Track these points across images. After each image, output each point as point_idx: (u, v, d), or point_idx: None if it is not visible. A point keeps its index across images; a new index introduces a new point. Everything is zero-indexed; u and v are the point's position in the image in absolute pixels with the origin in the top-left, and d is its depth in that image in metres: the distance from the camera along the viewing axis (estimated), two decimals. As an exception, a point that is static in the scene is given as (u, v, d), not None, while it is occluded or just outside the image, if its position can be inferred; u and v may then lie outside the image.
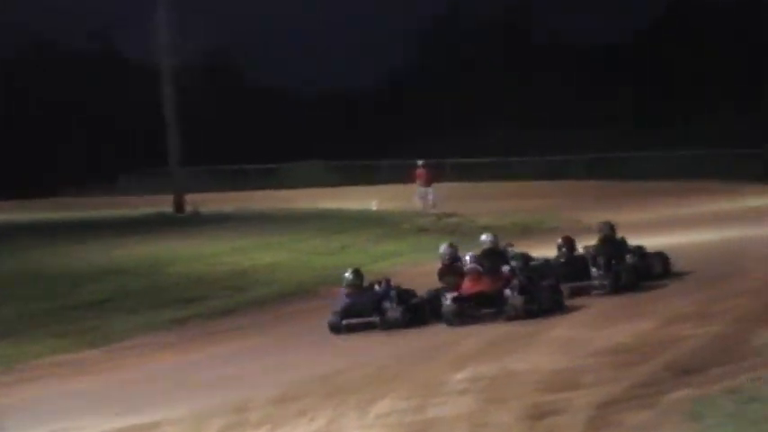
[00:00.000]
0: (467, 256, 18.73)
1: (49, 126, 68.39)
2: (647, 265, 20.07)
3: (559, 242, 20.03)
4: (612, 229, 20.44)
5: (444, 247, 19.47)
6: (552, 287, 18.28)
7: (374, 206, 42.39)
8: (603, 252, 19.55)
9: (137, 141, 65.09)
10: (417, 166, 42.24)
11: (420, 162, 42.26)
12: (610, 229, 20.39)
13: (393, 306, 18.25)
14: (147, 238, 33.60)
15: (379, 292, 18.69)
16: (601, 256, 19.37)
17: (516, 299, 17.60)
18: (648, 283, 19.55)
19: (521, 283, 17.83)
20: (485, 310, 17.81)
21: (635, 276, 19.44)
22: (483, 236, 19.55)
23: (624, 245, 20.27)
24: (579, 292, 18.94)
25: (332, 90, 75.79)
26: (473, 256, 18.67)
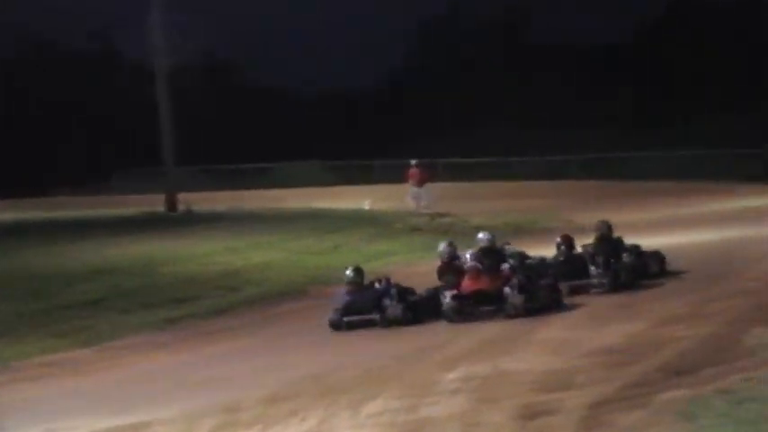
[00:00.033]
0: (467, 255, 18.83)
1: (42, 125, 68.28)
2: (643, 264, 20.18)
3: (558, 240, 20.15)
4: (609, 228, 20.58)
5: (443, 245, 19.56)
6: (551, 286, 18.40)
7: (367, 206, 42.37)
8: (602, 251, 19.63)
9: (130, 141, 64.97)
10: (410, 165, 42.20)
11: (413, 162, 42.21)
12: (607, 229, 20.50)
13: (393, 304, 18.38)
14: (140, 238, 33.53)
15: (379, 290, 18.81)
16: (599, 255, 19.48)
17: (516, 297, 17.69)
18: (644, 283, 19.62)
19: (520, 282, 17.93)
20: (484, 308, 17.90)
21: (633, 275, 19.57)
22: (480, 234, 19.60)
23: (621, 244, 20.40)
24: (578, 291, 19.02)
25: (327, 90, 75.76)
26: (473, 253, 18.76)
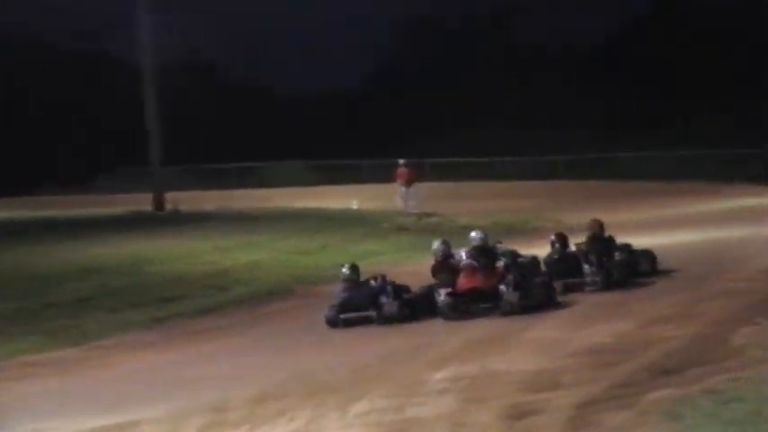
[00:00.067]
0: (461, 253, 18.91)
1: (25, 124, 68.21)
2: (634, 262, 20.36)
3: (553, 239, 20.32)
4: (601, 227, 20.73)
5: (437, 243, 19.60)
6: (545, 284, 18.56)
7: (355, 205, 42.39)
8: (594, 250, 19.76)
9: (117, 140, 64.84)
10: (398, 165, 42.19)
11: (401, 161, 42.21)
12: (599, 228, 20.64)
13: (390, 301, 18.49)
14: (128, 237, 33.48)
15: (375, 287, 18.89)
16: (593, 254, 19.63)
17: (512, 295, 17.84)
18: (635, 281, 19.78)
19: (515, 280, 18.08)
20: (481, 306, 18.06)
21: (626, 273, 19.76)
22: (473, 233, 19.65)
23: (613, 243, 20.55)
24: (572, 289, 19.21)
25: (315, 90, 75.69)
26: (468, 252, 18.82)
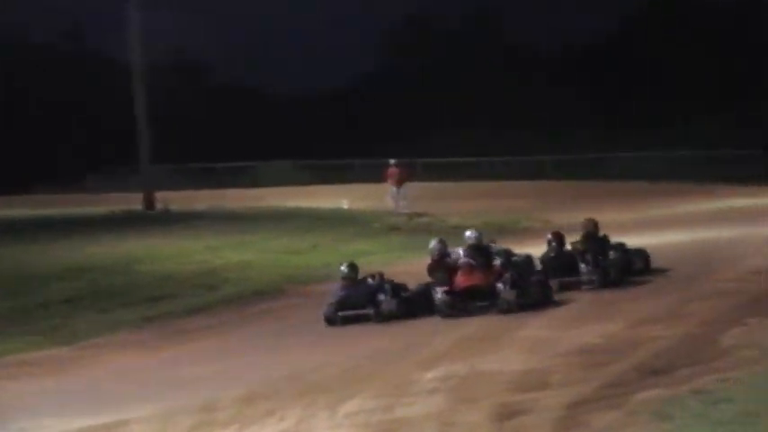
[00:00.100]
0: (459, 251, 19.03)
1: (18, 123, 68.16)
2: (628, 261, 20.48)
3: (549, 237, 20.43)
4: (596, 226, 20.85)
5: (434, 242, 19.70)
6: (542, 282, 18.72)
7: (345, 205, 42.37)
8: (590, 248, 19.89)
9: (110, 139, 64.79)
10: (389, 165, 42.17)
11: (392, 161, 42.19)
12: (593, 227, 20.75)
13: (388, 299, 18.64)
14: (118, 236, 33.43)
15: (373, 285, 19.05)
16: (589, 253, 19.75)
17: (509, 293, 17.98)
18: (630, 280, 19.90)
19: (512, 278, 18.22)
20: (478, 304, 18.18)
21: (621, 272, 19.89)
22: (468, 232, 19.73)
23: (607, 242, 20.69)
24: (569, 287, 19.31)
25: (305, 90, 75.76)
26: (466, 250, 18.93)
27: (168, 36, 68.83)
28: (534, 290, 18.42)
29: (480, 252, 19.00)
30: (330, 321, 18.71)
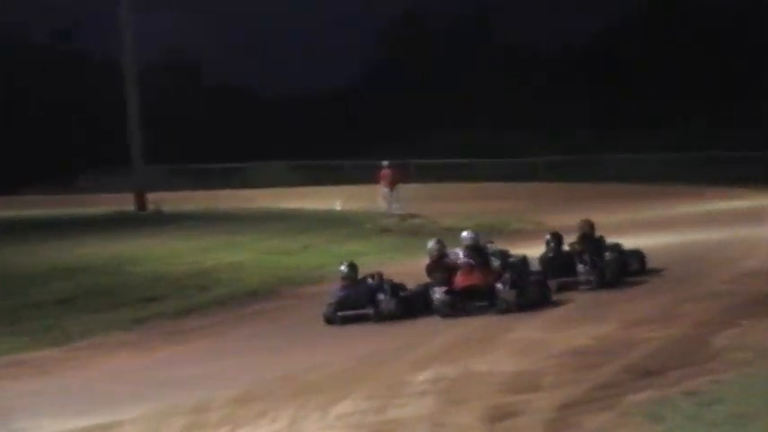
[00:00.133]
0: (458, 252, 19.10)
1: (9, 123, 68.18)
2: (624, 262, 20.59)
3: (548, 237, 20.54)
4: (592, 227, 20.93)
5: (432, 243, 19.76)
6: (540, 282, 18.86)
7: (338, 206, 42.36)
8: (587, 249, 19.97)
9: (104, 139, 64.69)
10: (382, 166, 42.15)
11: (385, 163, 42.16)
12: (589, 228, 20.83)
13: (387, 298, 18.71)
14: (109, 237, 33.40)
15: (372, 285, 19.12)
16: (587, 253, 19.84)
17: (508, 293, 18.08)
18: (627, 281, 20.01)
19: (512, 278, 18.32)
20: (477, 304, 18.29)
21: (618, 272, 20.02)
22: (464, 233, 19.78)
23: (603, 243, 20.77)
24: (567, 287, 19.42)
25: (298, 90, 75.70)
26: (466, 250, 19.01)
27: (163, 36, 68.94)
28: (533, 290, 18.55)
29: (478, 253, 19.10)
30: (330, 321, 18.78)
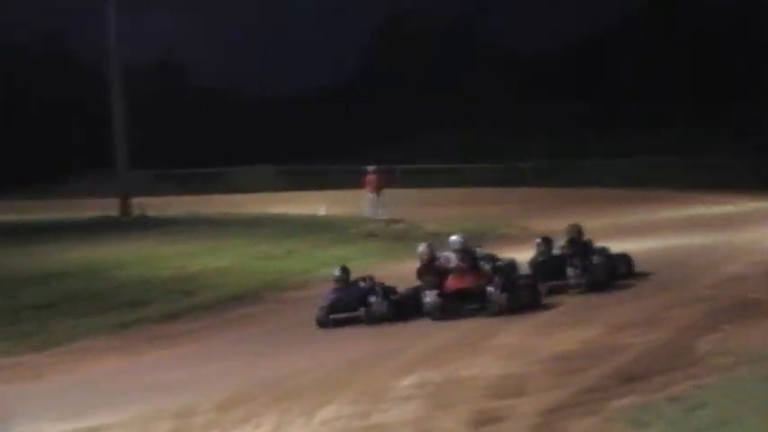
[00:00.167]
0: (450, 255, 19.21)
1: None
2: (612, 265, 20.74)
3: (538, 241, 20.75)
4: (579, 231, 21.07)
5: (423, 247, 19.88)
6: (530, 285, 19.01)
7: (322, 211, 42.32)
8: (575, 253, 20.10)
9: (88, 144, 64.61)
10: (368, 172, 42.13)
11: (370, 168, 42.15)
12: (577, 232, 20.96)
13: (379, 301, 18.88)
14: (94, 242, 33.35)
15: (364, 288, 19.27)
16: (576, 257, 19.99)
17: (500, 296, 18.25)
18: (617, 284, 20.14)
19: (503, 281, 18.50)
20: (468, 306, 18.44)
21: (607, 275, 20.19)
22: (453, 237, 19.88)
23: (590, 246, 20.93)
24: (557, 290, 19.59)
25: (284, 95, 75.72)
26: (458, 254, 19.12)
27: (149, 39, 68.84)
28: (524, 293, 18.70)
29: (467, 256, 19.23)
30: (322, 324, 18.92)
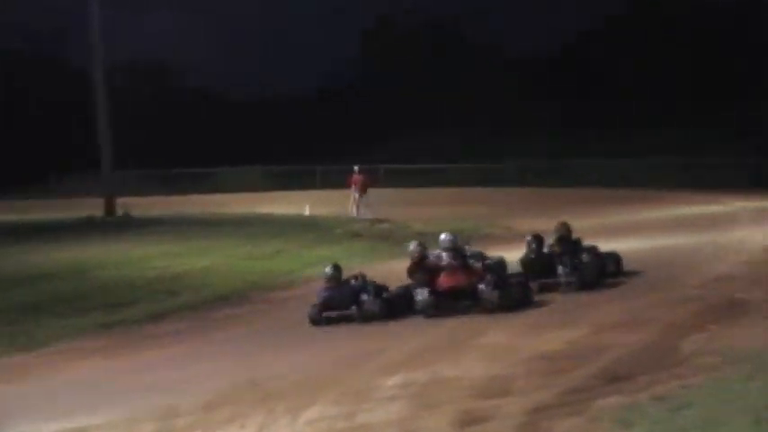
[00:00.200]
0: (443, 254, 19.23)
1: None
2: (602, 264, 20.79)
3: (529, 239, 20.72)
4: (569, 230, 21.05)
5: (413, 245, 19.87)
6: (522, 283, 19.06)
7: (307, 211, 42.32)
8: (565, 251, 20.16)
9: (74, 144, 64.49)
10: (353, 172, 42.17)
11: (356, 168, 42.20)
12: (566, 230, 20.97)
13: (371, 299, 18.91)
14: (78, 242, 33.29)
15: (356, 286, 19.28)
16: (566, 255, 20.05)
17: (492, 293, 18.30)
18: (607, 282, 20.19)
19: (495, 279, 18.55)
20: (462, 304, 18.56)
21: (597, 274, 20.23)
22: (442, 235, 19.90)
23: (579, 245, 20.95)
24: (548, 288, 19.66)
25: (269, 95, 75.71)
26: (450, 252, 19.17)
27: (133, 39, 68.69)
28: (515, 291, 18.73)
29: (457, 254, 19.27)
30: (315, 322, 18.97)
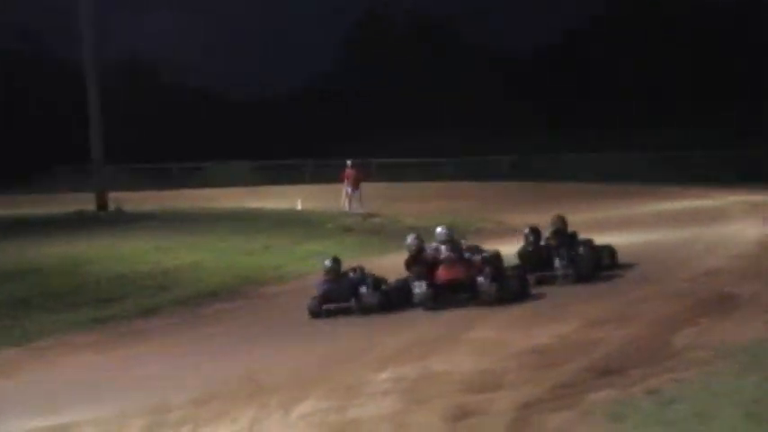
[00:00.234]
0: (441, 247, 19.28)
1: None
2: (597, 256, 20.91)
3: (526, 231, 20.75)
4: (564, 222, 21.11)
5: (411, 238, 19.92)
6: (519, 276, 19.17)
7: (298, 206, 42.31)
8: (561, 244, 20.24)
9: (64, 138, 64.35)
10: (345, 166, 42.17)
11: (348, 162, 42.21)
12: (562, 223, 21.03)
13: (369, 292, 19.08)
14: (69, 237, 33.18)
15: (355, 279, 19.40)
16: (563, 248, 20.14)
17: (490, 286, 18.41)
18: (602, 275, 20.33)
19: (492, 272, 18.64)
20: (460, 296, 18.65)
21: (593, 267, 20.34)
22: (439, 228, 19.98)
23: (575, 238, 21.01)
24: (545, 281, 19.81)
25: (260, 90, 75.69)
26: (448, 245, 19.24)
27: (123, 36, 68.62)
28: (513, 283, 18.83)
29: (455, 247, 19.35)
30: (314, 314, 19.09)
